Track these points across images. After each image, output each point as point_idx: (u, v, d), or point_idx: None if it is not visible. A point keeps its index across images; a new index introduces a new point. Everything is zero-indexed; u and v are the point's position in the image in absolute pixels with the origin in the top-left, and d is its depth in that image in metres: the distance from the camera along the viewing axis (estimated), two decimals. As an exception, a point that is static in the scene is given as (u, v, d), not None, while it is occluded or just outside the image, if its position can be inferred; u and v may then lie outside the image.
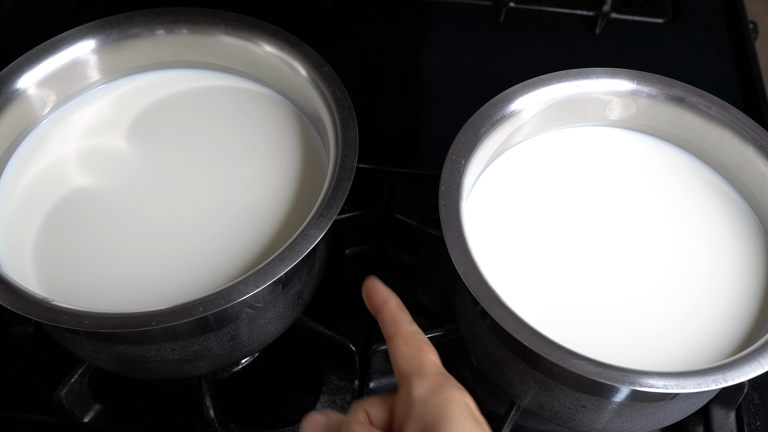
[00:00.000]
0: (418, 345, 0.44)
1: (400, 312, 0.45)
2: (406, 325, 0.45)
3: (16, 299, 0.46)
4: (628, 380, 0.43)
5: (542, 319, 0.50)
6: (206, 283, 0.51)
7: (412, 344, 0.44)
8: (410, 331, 0.44)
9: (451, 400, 0.41)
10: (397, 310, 0.45)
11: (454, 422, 0.40)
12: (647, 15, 0.86)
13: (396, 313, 0.45)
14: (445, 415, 0.40)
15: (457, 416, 0.40)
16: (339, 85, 0.56)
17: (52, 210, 0.55)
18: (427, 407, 0.41)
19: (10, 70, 0.56)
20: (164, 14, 0.59)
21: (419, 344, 0.44)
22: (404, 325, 0.45)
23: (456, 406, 0.41)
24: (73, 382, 0.55)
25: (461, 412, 0.41)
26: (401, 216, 0.66)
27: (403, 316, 0.45)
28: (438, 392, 0.41)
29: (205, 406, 0.55)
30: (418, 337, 0.44)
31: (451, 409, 0.41)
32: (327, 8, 0.85)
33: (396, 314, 0.45)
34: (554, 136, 0.59)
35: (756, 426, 0.58)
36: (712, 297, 0.52)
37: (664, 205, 0.56)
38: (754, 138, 0.55)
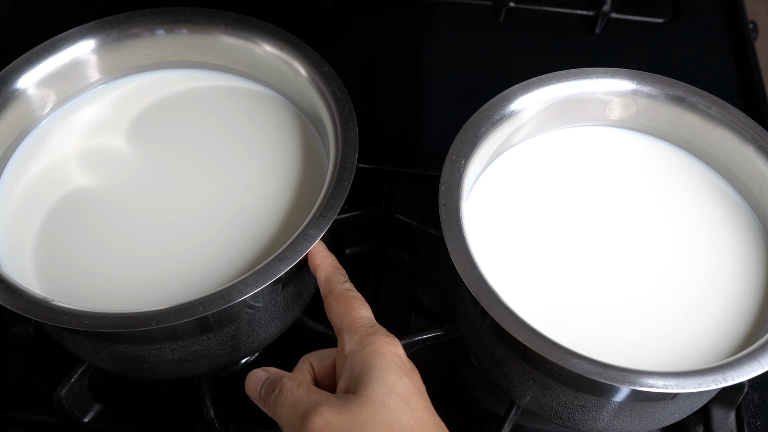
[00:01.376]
0: (348, 302, 0.46)
1: (334, 272, 0.48)
2: (339, 284, 0.47)
3: (16, 299, 0.46)
4: (628, 380, 0.43)
5: (542, 319, 0.50)
6: (206, 283, 0.51)
7: (343, 302, 0.46)
8: (341, 289, 0.47)
9: (377, 352, 0.42)
10: (332, 270, 0.48)
11: (379, 373, 0.41)
12: (647, 15, 0.86)
13: (330, 274, 0.47)
14: (370, 366, 0.42)
15: (381, 367, 0.42)
16: (339, 85, 0.56)
17: (52, 210, 0.55)
18: (355, 360, 0.43)
19: (10, 70, 0.56)
20: (164, 14, 0.59)
21: (350, 301, 0.46)
22: (337, 284, 0.47)
23: (381, 358, 0.42)
24: (73, 382, 0.55)
25: (386, 364, 0.42)
26: (401, 216, 0.66)
27: (337, 276, 0.47)
28: (365, 345, 0.43)
29: (205, 406, 0.55)
30: (349, 294, 0.46)
31: (377, 360, 0.42)
32: (327, 8, 0.85)
33: (330, 274, 0.47)
34: (554, 136, 0.59)
35: (756, 426, 0.58)
36: (712, 297, 0.52)
37: (664, 205, 0.56)
38: (754, 138, 0.55)
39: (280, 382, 0.44)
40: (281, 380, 0.44)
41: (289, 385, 0.43)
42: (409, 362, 0.44)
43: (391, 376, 0.42)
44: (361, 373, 0.42)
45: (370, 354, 0.42)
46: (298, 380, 0.44)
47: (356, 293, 0.47)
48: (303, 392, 0.43)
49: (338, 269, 0.48)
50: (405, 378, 0.42)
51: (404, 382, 0.42)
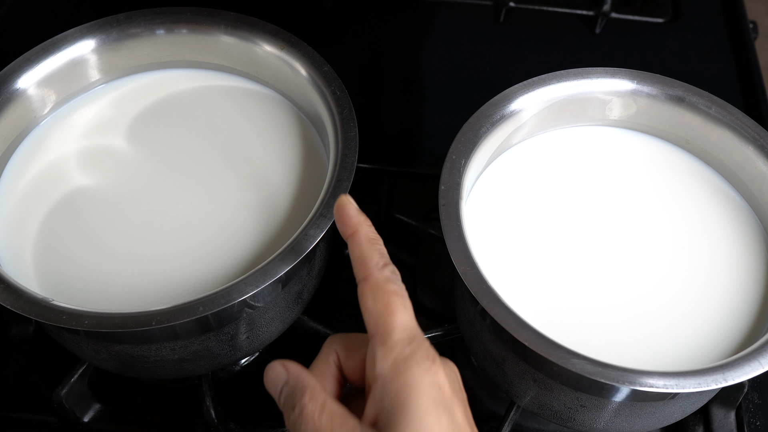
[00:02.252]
0: (386, 301, 0.38)
1: (371, 249, 0.39)
2: (377, 270, 0.39)
3: (16, 299, 0.46)
4: (628, 380, 0.43)
5: (542, 319, 0.50)
6: (206, 283, 0.51)
7: (380, 300, 0.38)
8: (380, 279, 0.38)
9: (412, 386, 0.36)
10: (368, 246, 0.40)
11: (414, 416, 0.35)
12: (647, 15, 0.86)
13: (366, 252, 0.39)
14: (404, 404, 0.35)
15: (417, 407, 0.35)
16: (339, 85, 0.56)
17: (52, 210, 0.55)
18: (386, 390, 0.36)
19: (10, 70, 0.56)
20: (164, 14, 0.59)
21: (388, 300, 0.38)
22: (374, 270, 0.39)
23: (417, 393, 0.36)
24: (73, 382, 0.55)
25: (422, 401, 0.35)
26: (401, 216, 0.66)
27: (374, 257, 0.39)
28: (400, 373, 0.36)
29: (205, 406, 0.55)
30: (387, 288, 0.38)
31: (412, 396, 0.36)
32: (327, 8, 0.85)
33: (366, 253, 0.39)
34: (554, 136, 0.59)
35: (756, 426, 0.58)
36: (712, 297, 0.52)
37: (664, 204, 0.56)
38: (754, 138, 0.55)
39: (301, 401, 0.38)
40: (302, 398, 0.38)
41: (310, 408, 0.37)
42: (452, 391, 0.37)
43: (428, 419, 0.35)
44: (393, 409, 0.36)
45: (405, 387, 0.36)
46: (320, 402, 0.38)
47: (398, 285, 0.39)
48: (326, 423, 0.37)
49: (375, 243, 0.40)
50: (444, 418, 0.36)
51: (443, 425, 0.36)
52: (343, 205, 0.41)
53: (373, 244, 0.40)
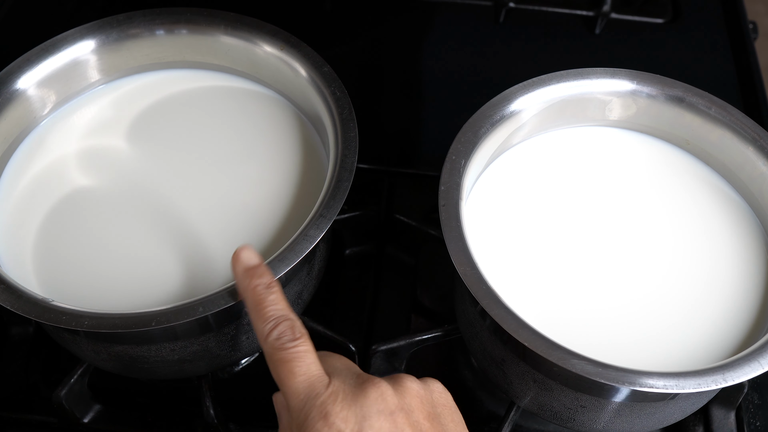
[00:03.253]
0: (276, 373, 0.39)
1: (256, 318, 0.41)
2: (263, 342, 0.40)
3: (16, 299, 0.46)
4: (628, 380, 0.43)
5: (542, 319, 0.50)
6: (206, 283, 0.51)
7: (273, 372, 0.40)
8: (267, 351, 0.40)
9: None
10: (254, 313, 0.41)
11: None
12: (647, 15, 0.86)
13: (254, 322, 0.41)
14: None
15: None
16: (339, 85, 0.56)
17: (52, 210, 0.55)
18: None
19: (10, 70, 0.56)
20: (164, 14, 0.59)
21: (277, 371, 0.39)
22: (261, 342, 0.40)
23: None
24: (73, 382, 0.55)
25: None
26: (401, 216, 0.66)
27: (257, 325, 0.40)
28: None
29: (205, 406, 0.55)
30: (274, 358, 0.39)
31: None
32: (327, 8, 0.85)
33: (254, 323, 0.41)
34: (554, 136, 0.59)
35: (756, 426, 0.58)
36: (712, 297, 0.52)
37: (664, 205, 0.56)
38: (754, 138, 0.55)
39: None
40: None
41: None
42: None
43: None
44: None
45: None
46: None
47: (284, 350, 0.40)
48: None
49: (260, 305, 0.41)
50: None
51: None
52: (232, 266, 0.42)
53: (258, 307, 0.41)
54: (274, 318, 0.41)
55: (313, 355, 0.40)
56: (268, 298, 0.41)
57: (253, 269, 0.42)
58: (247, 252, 0.43)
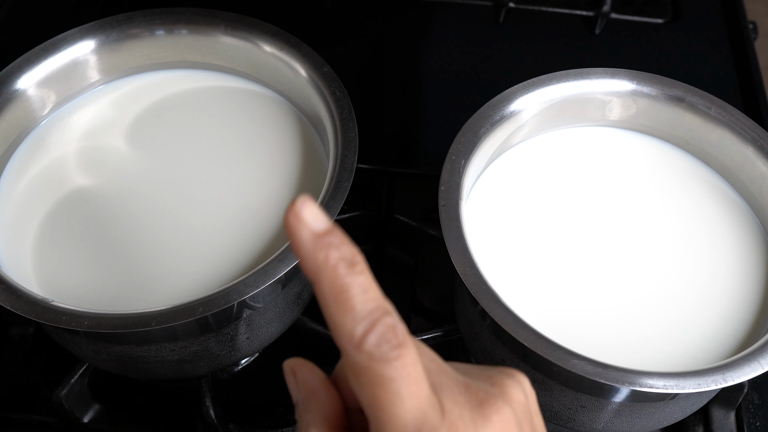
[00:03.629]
0: (372, 393, 0.28)
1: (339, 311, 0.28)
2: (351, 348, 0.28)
3: (16, 299, 0.46)
4: (627, 380, 0.43)
5: (542, 319, 0.50)
6: (206, 283, 0.51)
7: (364, 389, 0.28)
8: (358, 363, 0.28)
9: None
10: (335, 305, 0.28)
11: None
12: (647, 15, 0.86)
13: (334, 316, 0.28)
14: None
15: None
16: (339, 85, 0.56)
17: (52, 210, 0.55)
18: None
19: (10, 70, 0.56)
20: (164, 14, 0.59)
21: (373, 392, 0.28)
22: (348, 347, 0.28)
23: None
24: (73, 383, 0.55)
25: None
26: (401, 216, 0.66)
27: (345, 321, 0.28)
28: None
29: (205, 406, 0.55)
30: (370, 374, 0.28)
31: None
32: (327, 8, 0.85)
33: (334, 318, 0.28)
34: (554, 136, 0.59)
35: (756, 426, 0.58)
36: (711, 297, 0.52)
37: (664, 205, 0.56)
38: (754, 138, 0.55)
39: None
40: None
41: None
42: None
43: None
44: None
45: None
46: None
47: (384, 363, 0.27)
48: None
49: (344, 294, 0.29)
50: None
51: None
52: (292, 231, 0.28)
53: (343, 295, 0.28)
54: (369, 313, 0.28)
55: (421, 366, 0.29)
56: (356, 281, 0.29)
57: (327, 236, 0.30)
58: (311, 208, 0.29)
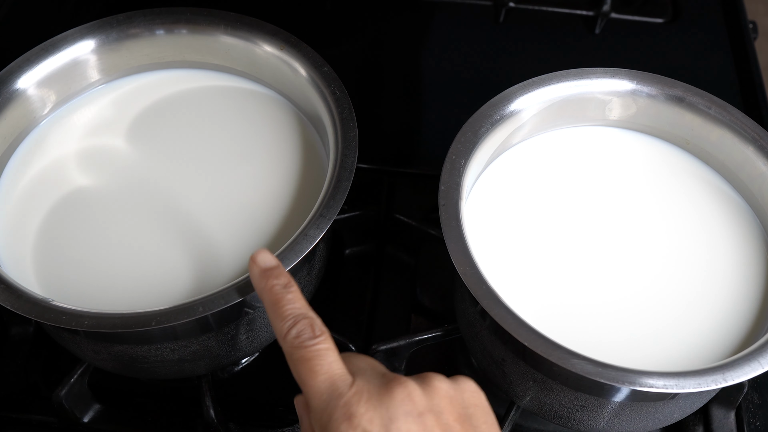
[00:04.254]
0: (297, 371, 0.39)
1: (275, 317, 0.40)
2: (281, 340, 0.40)
3: (16, 299, 0.46)
4: (627, 380, 0.43)
5: (542, 319, 0.50)
6: (206, 283, 0.51)
7: (294, 370, 0.39)
8: (286, 349, 0.39)
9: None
10: (273, 313, 0.41)
11: None
12: (647, 15, 0.86)
13: (272, 321, 0.40)
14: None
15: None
16: (339, 85, 0.56)
17: (52, 210, 0.55)
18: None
19: (10, 70, 0.56)
20: (164, 14, 0.59)
21: (298, 369, 0.39)
22: (281, 341, 0.40)
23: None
24: (73, 382, 0.55)
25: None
26: (401, 216, 0.66)
27: (277, 324, 0.40)
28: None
29: (205, 406, 0.55)
30: (294, 356, 0.39)
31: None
32: (327, 8, 0.85)
33: (273, 323, 0.40)
34: (554, 136, 0.59)
35: (756, 426, 0.58)
36: (711, 297, 0.52)
37: (664, 205, 0.56)
38: (754, 138, 0.55)
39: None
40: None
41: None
42: None
43: None
44: None
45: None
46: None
47: (304, 347, 0.39)
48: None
49: (278, 304, 0.41)
50: None
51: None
52: (249, 269, 0.42)
53: (276, 306, 0.40)
54: (292, 316, 0.40)
55: (335, 353, 0.39)
56: (286, 296, 0.41)
57: (270, 270, 0.42)
58: (264, 254, 0.43)
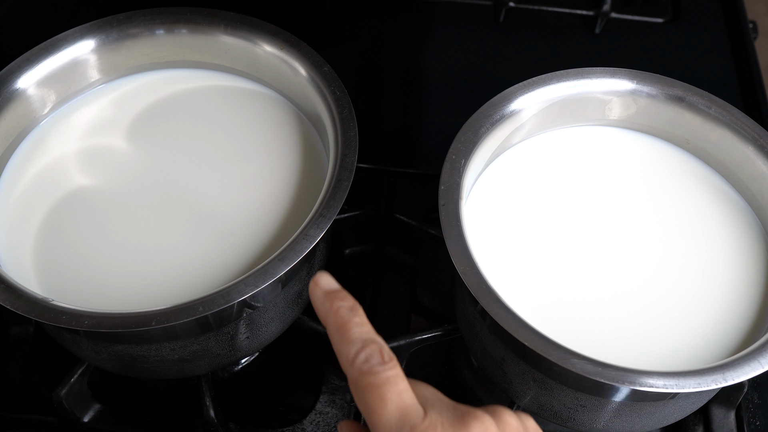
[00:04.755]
0: (364, 401, 0.36)
1: (340, 342, 0.37)
2: (348, 366, 0.37)
3: (16, 299, 0.46)
4: (627, 380, 0.43)
5: (542, 319, 0.50)
6: (206, 283, 0.51)
7: (359, 399, 0.36)
8: (352, 377, 0.36)
9: None
10: (338, 338, 0.38)
11: None
12: (647, 15, 0.86)
13: (337, 346, 0.37)
14: None
15: None
16: (339, 85, 0.56)
17: (52, 210, 0.55)
18: None
19: (10, 70, 0.56)
20: (164, 14, 0.59)
21: (365, 399, 0.36)
22: (346, 367, 0.37)
23: None
24: (73, 382, 0.55)
25: None
26: (401, 216, 0.66)
27: (342, 349, 0.37)
28: None
29: (205, 406, 0.55)
30: (361, 384, 0.36)
31: None
32: (327, 8, 0.85)
33: (337, 347, 0.37)
34: (554, 136, 0.59)
35: (756, 426, 0.58)
36: (712, 296, 0.52)
37: (664, 204, 0.56)
38: (754, 138, 0.55)
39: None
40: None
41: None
42: None
43: None
44: None
45: None
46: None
47: (373, 375, 0.36)
48: None
49: (343, 329, 0.38)
50: None
51: None
52: (311, 292, 0.39)
53: (343, 329, 0.37)
54: (361, 340, 0.37)
55: (405, 381, 0.37)
56: (353, 319, 0.38)
57: (334, 293, 0.39)
58: (327, 277, 0.40)
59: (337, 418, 0.58)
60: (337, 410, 0.58)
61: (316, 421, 0.58)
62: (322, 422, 0.58)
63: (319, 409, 0.58)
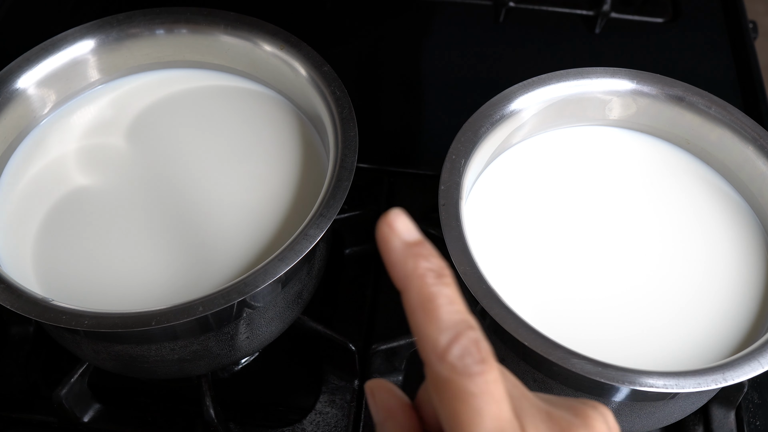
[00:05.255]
0: (453, 409, 0.27)
1: (426, 322, 0.27)
2: (435, 360, 0.27)
3: (16, 299, 0.46)
4: (627, 380, 0.43)
5: (542, 319, 0.50)
6: (206, 283, 0.51)
7: (445, 404, 0.27)
8: (441, 375, 0.27)
9: None
10: (423, 316, 0.27)
11: None
12: (647, 15, 0.86)
13: (419, 326, 0.28)
14: None
15: None
16: (339, 85, 0.56)
17: (52, 210, 0.55)
18: None
19: (10, 70, 0.56)
20: (164, 14, 0.59)
21: (455, 408, 0.27)
22: (432, 359, 0.27)
23: None
24: (73, 382, 0.55)
25: None
26: (401, 216, 0.66)
27: (431, 333, 0.27)
28: None
29: (205, 406, 0.55)
30: (452, 388, 0.27)
31: None
32: (327, 8, 0.85)
33: (419, 328, 0.28)
34: (554, 136, 0.59)
35: (756, 426, 0.58)
36: (711, 296, 0.52)
37: (664, 204, 0.56)
38: (754, 138, 0.55)
39: None
40: None
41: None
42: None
43: None
44: None
45: None
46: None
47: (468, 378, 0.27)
48: None
49: (431, 304, 0.28)
50: None
51: None
52: (383, 240, 0.28)
53: (430, 305, 0.27)
54: (454, 325, 0.28)
55: (503, 385, 0.28)
56: (443, 291, 0.28)
57: (418, 246, 0.29)
58: (404, 220, 0.29)
59: (337, 418, 0.58)
60: (337, 410, 0.58)
61: (316, 421, 0.58)
62: (322, 422, 0.58)
63: (319, 409, 0.58)
